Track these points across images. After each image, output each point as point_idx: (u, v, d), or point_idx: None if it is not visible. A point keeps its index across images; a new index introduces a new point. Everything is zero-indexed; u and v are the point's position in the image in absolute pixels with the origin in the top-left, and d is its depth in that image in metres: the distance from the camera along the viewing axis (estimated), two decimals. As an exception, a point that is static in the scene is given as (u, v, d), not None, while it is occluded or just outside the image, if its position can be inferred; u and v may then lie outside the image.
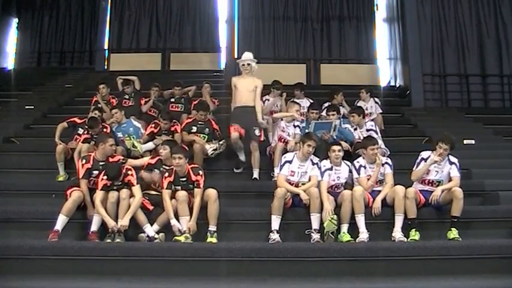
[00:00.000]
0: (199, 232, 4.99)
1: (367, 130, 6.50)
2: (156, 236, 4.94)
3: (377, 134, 6.47)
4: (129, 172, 5.19)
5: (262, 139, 6.20)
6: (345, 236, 4.90)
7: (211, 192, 5.05)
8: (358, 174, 5.38)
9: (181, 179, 5.19)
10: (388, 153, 6.24)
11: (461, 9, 10.96)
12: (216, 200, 5.01)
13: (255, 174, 6.17)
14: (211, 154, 6.29)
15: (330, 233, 4.85)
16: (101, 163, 5.41)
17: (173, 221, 4.94)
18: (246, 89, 6.15)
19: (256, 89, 6.16)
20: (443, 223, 5.02)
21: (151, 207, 5.20)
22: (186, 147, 5.77)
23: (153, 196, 5.33)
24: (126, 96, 7.96)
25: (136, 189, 5.10)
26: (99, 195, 5.03)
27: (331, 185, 5.34)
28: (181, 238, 4.84)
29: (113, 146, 5.61)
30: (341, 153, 5.43)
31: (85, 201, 5.15)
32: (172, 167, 5.23)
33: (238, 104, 6.18)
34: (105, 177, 5.11)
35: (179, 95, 8.02)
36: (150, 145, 6.39)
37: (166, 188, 5.13)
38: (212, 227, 4.94)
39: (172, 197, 5.10)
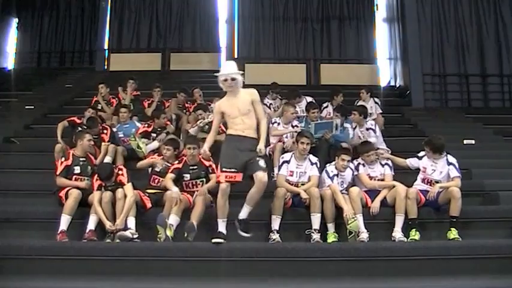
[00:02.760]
0: (199, 233, 4.98)
1: (367, 129, 6.51)
2: (132, 231, 4.82)
3: (375, 132, 6.48)
4: (120, 172, 5.21)
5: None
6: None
7: None
8: (358, 170, 5.46)
9: (191, 167, 5.31)
10: (390, 152, 6.24)
11: (461, 9, 10.96)
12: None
13: (243, 213, 4.58)
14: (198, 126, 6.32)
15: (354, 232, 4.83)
16: (81, 159, 5.47)
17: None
18: (240, 111, 4.60)
19: (253, 104, 4.65)
20: (443, 223, 5.01)
21: (149, 205, 5.21)
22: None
23: (152, 195, 5.33)
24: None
25: (128, 188, 5.09)
26: (96, 195, 5.04)
27: None
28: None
29: (90, 141, 5.65)
30: (350, 164, 5.43)
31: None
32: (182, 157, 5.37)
33: (233, 132, 4.64)
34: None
35: (182, 103, 7.99)
36: (155, 144, 6.42)
37: (171, 172, 5.27)
38: None
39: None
